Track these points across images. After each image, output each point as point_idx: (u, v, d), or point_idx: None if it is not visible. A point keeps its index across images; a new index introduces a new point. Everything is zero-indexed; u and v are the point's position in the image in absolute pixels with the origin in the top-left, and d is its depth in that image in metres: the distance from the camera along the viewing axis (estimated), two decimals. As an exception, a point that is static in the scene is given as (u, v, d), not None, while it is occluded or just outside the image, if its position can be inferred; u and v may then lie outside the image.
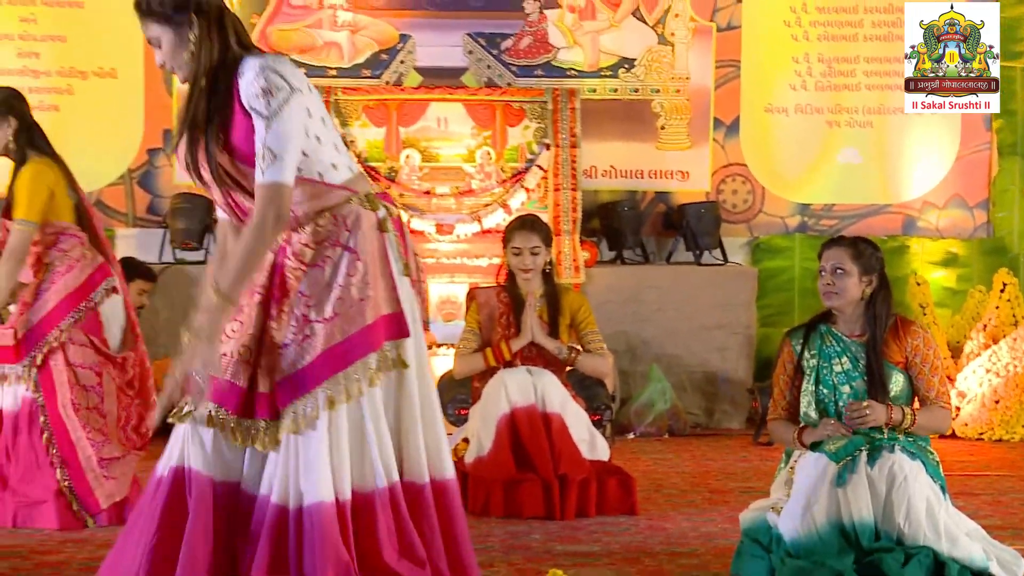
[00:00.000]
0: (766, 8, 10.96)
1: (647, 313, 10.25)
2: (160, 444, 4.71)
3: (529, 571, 5.72)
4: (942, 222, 10.99)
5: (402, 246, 4.70)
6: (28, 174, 6.61)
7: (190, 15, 4.47)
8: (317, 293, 4.48)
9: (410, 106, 10.50)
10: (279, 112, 4.34)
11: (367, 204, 4.58)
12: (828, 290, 5.70)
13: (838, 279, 5.68)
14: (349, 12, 10.80)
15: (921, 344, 5.71)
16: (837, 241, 5.82)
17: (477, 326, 7.40)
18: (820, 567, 5.30)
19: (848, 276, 5.69)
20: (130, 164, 10.60)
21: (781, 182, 11.01)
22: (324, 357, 4.45)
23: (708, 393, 10.30)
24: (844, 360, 5.71)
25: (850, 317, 5.73)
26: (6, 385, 6.75)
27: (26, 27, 10.56)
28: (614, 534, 6.58)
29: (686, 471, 8.49)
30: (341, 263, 4.48)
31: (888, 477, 5.34)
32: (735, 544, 5.73)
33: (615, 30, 10.96)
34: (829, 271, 5.70)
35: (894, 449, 5.40)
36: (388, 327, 4.54)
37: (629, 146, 10.93)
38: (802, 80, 10.96)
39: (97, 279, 6.80)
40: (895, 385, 5.68)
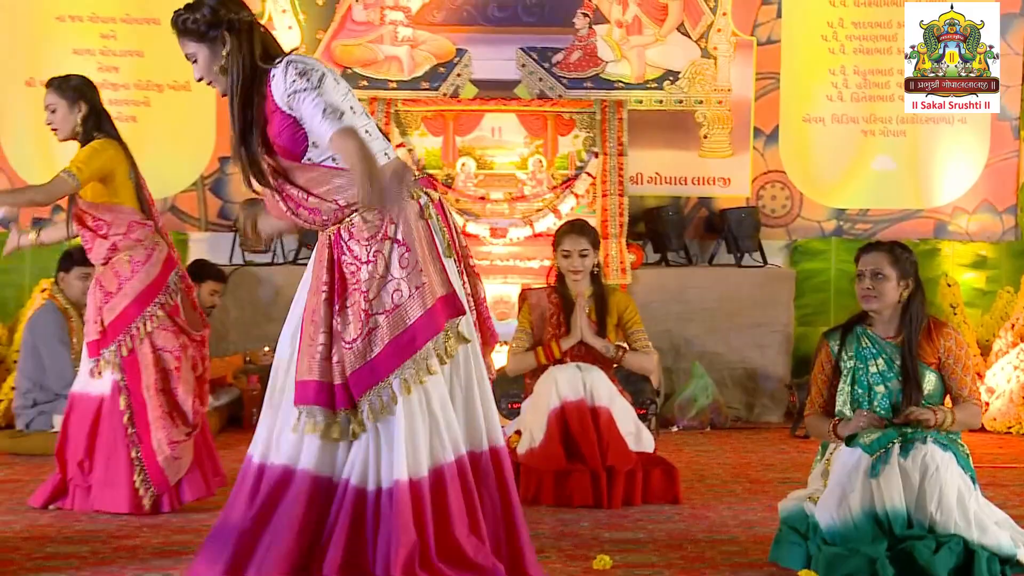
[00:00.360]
0: (804, 23, 10.89)
1: (690, 312, 10.21)
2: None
3: (578, 557, 5.69)
4: (972, 226, 10.90)
5: (445, 227, 4.78)
6: (91, 145, 6.65)
7: (223, 32, 4.61)
8: (374, 287, 4.57)
9: (466, 117, 10.51)
10: (321, 82, 4.51)
11: (409, 193, 4.63)
12: (868, 294, 5.65)
13: (878, 283, 5.64)
14: (409, 28, 10.80)
15: (953, 345, 5.67)
16: (875, 246, 5.77)
17: (529, 326, 7.37)
18: (855, 554, 5.26)
19: (887, 280, 5.64)
20: (202, 171, 10.64)
21: (818, 188, 10.94)
22: (392, 346, 4.54)
23: (748, 388, 10.26)
24: (879, 361, 5.66)
25: (886, 319, 5.69)
26: (101, 375, 6.80)
27: (106, 43, 10.63)
28: (658, 522, 6.55)
29: (727, 462, 8.45)
30: (392, 256, 4.57)
31: (921, 467, 5.30)
32: (774, 532, 5.70)
33: (661, 44, 10.92)
34: (869, 276, 5.65)
35: (926, 441, 5.36)
36: (445, 308, 4.62)
37: (673, 154, 10.89)
38: (838, 91, 10.89)
39: (171, 264, 6.83)
40: (928, 384, 5.64)
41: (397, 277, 4.57)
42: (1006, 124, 10.83)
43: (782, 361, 10.31)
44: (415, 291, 4.57)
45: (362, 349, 4.55)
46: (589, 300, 7.31)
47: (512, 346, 7.41)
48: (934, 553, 5.24)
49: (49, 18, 10.57)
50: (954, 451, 5.43)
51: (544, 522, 6.46)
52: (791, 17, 10.88)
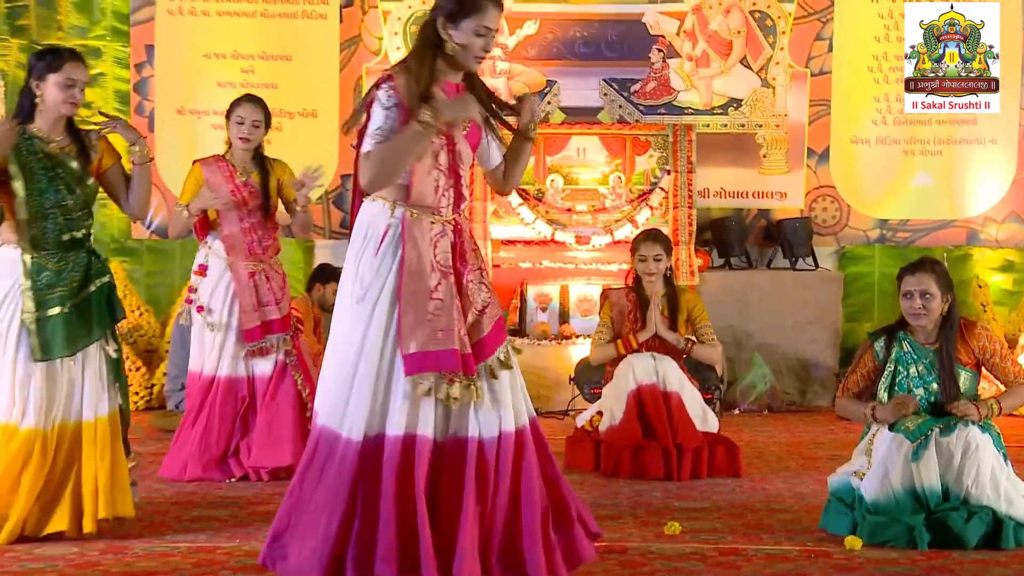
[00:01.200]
0: (853, 57, 10.82)
1: (750, 310, 10.19)
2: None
3: (651, 523, 5.71)
4: (1001, 234, 10.77)
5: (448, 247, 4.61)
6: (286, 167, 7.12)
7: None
8: (484, 273, 4.54)
9: (555, 139, 10.52)
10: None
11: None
12: (919, 312, 5.57)
13: (927, 302, 5.56)
14: (506, 62, 10.83)
15: (987, 342, 5.63)
16: (919, 267, 5.67)
17: (610, 321, 7.40)
18: (895, 522, 5.27)
19: (934, 299, 5.58)
20: (327, 188, 10.72)
21: (864, 201, 10.86)
22: (497, 326, 4.50)
23: (801, 377, 10.21)
24: (920, 366, 5.61)
25: (928, 329, 5.64)
26: (266, 356, 6.94)
27: (246, 76, 10.73)
28: (722, 493, 6.56)
29: (782, 441, 8.43)
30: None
31: (963, 445, 5.29)
32: (823, 502, 5.69)
33: (725, 76, 10.89)
34: (919, 295, 5.56)
35: (968, 424, 5.33)
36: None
37: (736, 171, 10.86)
38: (882, 116, 10.80)
39: None
40: (964, 384, 5.60)
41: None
42: (1032, 144, 10.74)
43: (831, 353, 10.26)
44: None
45: (482, 325, 4.45)
46: (662, 299, 7.33)
47: (595, 339, 7.44)
48: (966, 522, 5.23)
49: (198, 55, 10.68)
50: (991, 433, 5.42)
51: (621, 493, 6.48)
52: (841, 51, 10.81)
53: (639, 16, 10.85)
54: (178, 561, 5.03)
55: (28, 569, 4.90)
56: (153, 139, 10.56)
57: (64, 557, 5.07)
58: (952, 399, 5.52)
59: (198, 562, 5.01)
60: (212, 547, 5.26)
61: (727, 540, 5.45)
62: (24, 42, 10.51)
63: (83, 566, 4.95)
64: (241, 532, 5.55)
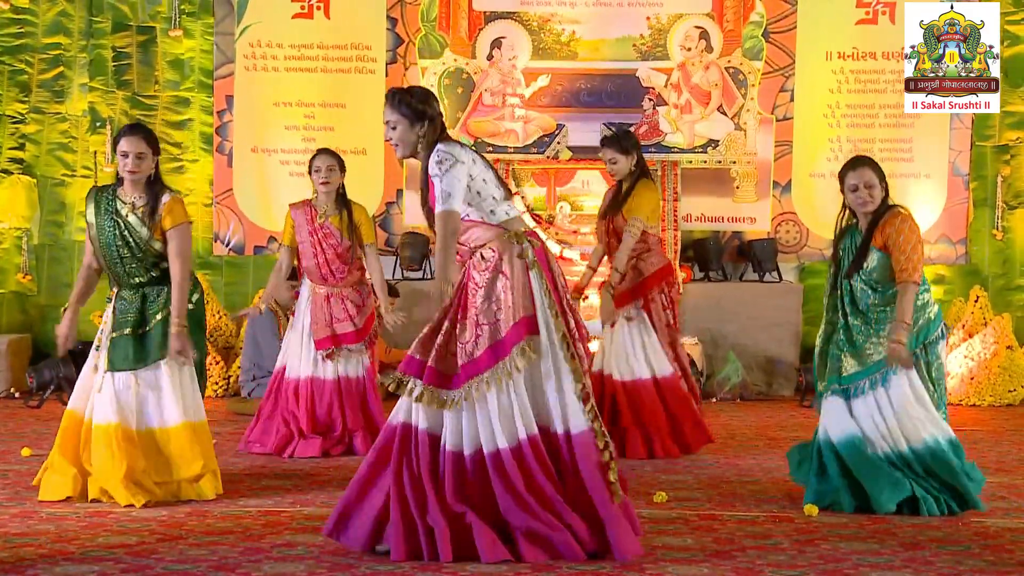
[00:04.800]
0: (810, 105, 10.76)
1: (726, 316, 10.14)
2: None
3: (641, 493, 5.69)
4: (933, 253, 10.69)
5: (542, 265, 4.59)
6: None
7: (424, 120, 4.60)
8: (485, 305, 4.50)
9: (563, 172, 10.52)
10: (449, 170, 4.48)
11: (515, 239, 4.58)
12: (865, 201, 5.37)
13: (871, 191, 5.38)
14: (523, 109, 10.82)
15: (895, 230, 5.31)
16: (858, 162, 5.45)
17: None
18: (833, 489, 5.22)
19: (875, 188, 5.39)
20: (374, 212, 10.72)
21: (820, 225, 10.79)
22: (491, 349, 4.47)
23: (768, 371, 10.17)
24: (852, 243, 5.49)
25: (871, 217, 5.44)
26: (347, 359, 6.98)
27: (308, 121, 10.74)
28: (702, 468, 6.56)
29: (752, 424, 8.40)
30: (497, 282, 4.51)
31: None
32: (786, 476, 5.67)
33: (705, 121, 10.85)
34: (864, 187, 5.36)
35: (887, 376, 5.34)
36: (527, 326, 4.51)
37: (714, 200, 10.80)
38: (835, 155, 10.71)
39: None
40: (870, 263, 5.36)
41: (499, 298, 4.49)
42: (959, 179, 10.65)
43: (793, 351, 10.22)
44: (508, 309, 4.48)
45: (471, 349, 4.46)
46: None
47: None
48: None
49: (269, 104, 10.69)
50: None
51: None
52: (801, 101, 10.76)
53: (634, 71, 10.83)
54: (249, 522, 5.05)
55: (126, 528, 4.93)
56: (232, 173, 10.60)
57: (156, 518, 5.11)
58: (855, 269, 5.32)
59: (266, 523, 5.03)
60: (278, 511, 5.29)
61: (706, 507, 5.46)
62: (128, 93, 10.55)
63: (171, 525, 4.98)
64: (301, 499, 5.58)
